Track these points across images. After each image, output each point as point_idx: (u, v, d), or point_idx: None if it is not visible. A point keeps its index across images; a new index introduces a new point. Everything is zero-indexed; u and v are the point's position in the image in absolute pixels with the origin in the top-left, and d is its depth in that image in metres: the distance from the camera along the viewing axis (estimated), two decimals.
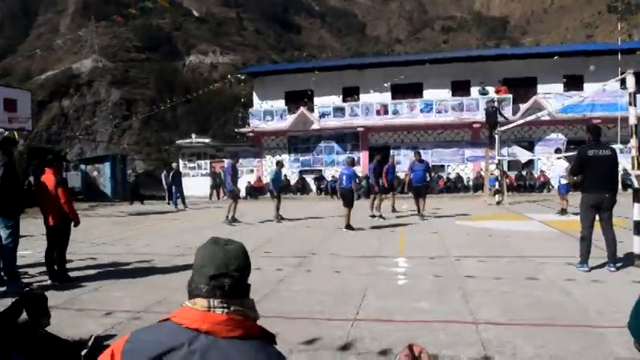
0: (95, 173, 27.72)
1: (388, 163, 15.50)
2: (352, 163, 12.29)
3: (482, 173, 23.28)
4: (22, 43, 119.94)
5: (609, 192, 6.72)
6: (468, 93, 26.47)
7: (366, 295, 5.86)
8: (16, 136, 19.62)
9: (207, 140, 32.57)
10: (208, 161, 28.85)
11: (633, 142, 7.20)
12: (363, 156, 26.55)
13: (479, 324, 4.66)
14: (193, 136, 33.35)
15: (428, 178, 14.11)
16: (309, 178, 27.42)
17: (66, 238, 7.21)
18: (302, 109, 26.89)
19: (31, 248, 9.39)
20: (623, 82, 8.27)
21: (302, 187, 27.07)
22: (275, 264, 7.78)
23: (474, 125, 25.28)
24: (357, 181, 12.00)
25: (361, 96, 27.74)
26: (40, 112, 75.00)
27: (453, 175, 25.87)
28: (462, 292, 5.85)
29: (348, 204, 11.57)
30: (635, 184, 6.91)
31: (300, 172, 27.71)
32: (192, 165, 29.05)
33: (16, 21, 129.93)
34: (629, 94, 7.54)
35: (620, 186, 11.37)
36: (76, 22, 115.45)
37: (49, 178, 7.00)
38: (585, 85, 24.91)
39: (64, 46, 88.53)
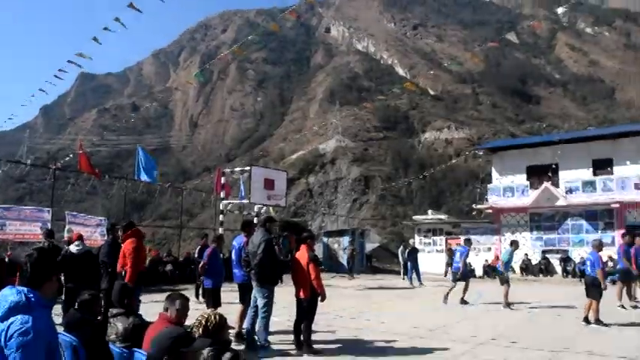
0: (335, 245, 29.41)
1: (636, 245, 13.35)
2: (599, 246, 10.49)
3: None
4: (279, 128, 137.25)
5: None
6: None
7: None
8: (271, 211, 22.11)
9: (443, 216, 32.41)
10: (444, 237, 28.53)
11: None
12: (617, 236, 23.51)
13: None
14: (429, 211, 33.54)
15: None
16: (554, 259, 25.16)
17: (313, 311, 7.64)
18: (546, 184, 25.22)
19: (279, 315, 9.98)
20: None
21: (545, 269, 24.92)
22: (522, 357, 7.11)
23: None
24: (602, 267, 10.24)
25: (615, 168, 24.96)
26: (289, 187, 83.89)
27: None
28: None
29: (593, 295, 9.96)
30: None
31: (543, 251, 25.65)
32: (427, 241, 29.01)
33: (274, 109, 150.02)
34: None
35: None
36: (322, 107, 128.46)
37: (302, 254, 7.59)
38: None
39: (313, 129, 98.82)
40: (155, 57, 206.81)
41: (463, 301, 13.39)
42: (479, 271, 24.95)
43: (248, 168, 21.15)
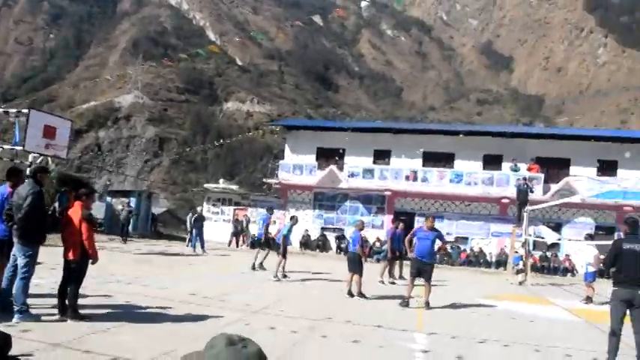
0: (119, 207, 27.83)
1: (397, 230, 15.27)
2: (361, 227, 11.61)
3: (507, 250, 22.77)
4: (71, 73, 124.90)
5: None
6: (499, 168, 26.29)
7: None
8: (50, 162, 20.06)
9: (234, 187, 32.76)
10: (232, 208, 28.89)
11: None
12: (387, 220, 26.31)
13: None
14: (221, 181, 33.61)
15: (435, 253, 11.74)
16: (331, 236, 27.20)
17: (82, 274, 7.12)
18: (332, 166, 27.01)
19: (44, 277, 9.03)
20: None
21: (322, 245, 26.82)
22: (289, 325, 7.54)
23: (503, 201, 24.97)
24: (363, 245, 11.53)
25: (392, 160, 27.80)
26: (75, 139, 77.09)
27: (476, 249, 25.36)
28: None
29: (353, 269, 11.08)
30: None
31: (322, 228, 27.55)
32: (215, 210, 29.10)
33: (68, 51, 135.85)
34: None
35: None
36: (124, 58, 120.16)
37: (76, 212, 6.99)
38: (620, 171, 24.53)
39: (109, 80, 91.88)
40: None
41: (261, 267, 14.51)
42: None
43: (26, 110, 18.81)
